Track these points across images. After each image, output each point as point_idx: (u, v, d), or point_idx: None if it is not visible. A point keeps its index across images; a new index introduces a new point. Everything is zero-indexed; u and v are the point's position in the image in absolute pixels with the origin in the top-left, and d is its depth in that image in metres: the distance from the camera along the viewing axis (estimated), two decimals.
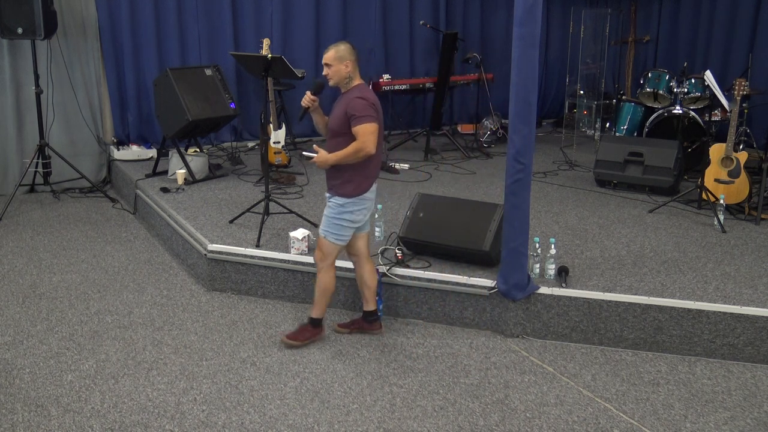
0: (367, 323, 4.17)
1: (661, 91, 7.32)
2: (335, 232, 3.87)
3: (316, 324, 4.05)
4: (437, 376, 3.76)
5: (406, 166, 7.07)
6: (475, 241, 4.33)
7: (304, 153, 3.80)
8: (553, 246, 4.28)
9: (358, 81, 3.84)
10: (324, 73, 3.81)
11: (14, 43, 6.49)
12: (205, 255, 4.73)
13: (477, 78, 7.95)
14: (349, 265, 4.29)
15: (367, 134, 3.70)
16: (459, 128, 8.82)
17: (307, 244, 4.59)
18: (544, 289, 4.11)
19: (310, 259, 4.51)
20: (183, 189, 6.12)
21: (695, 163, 6.61)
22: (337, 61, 3.75)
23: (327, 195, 3.95)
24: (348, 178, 3.81)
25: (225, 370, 3.76)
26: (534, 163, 4.20)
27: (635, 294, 4.05)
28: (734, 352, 3.93)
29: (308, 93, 3.87)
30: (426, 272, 4.32)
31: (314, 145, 3.85)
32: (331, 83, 3.85)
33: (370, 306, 4.15)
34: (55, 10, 6.25)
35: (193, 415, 3.35)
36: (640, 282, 4.24)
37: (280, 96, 7.40)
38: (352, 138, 3.73)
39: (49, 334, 4.11)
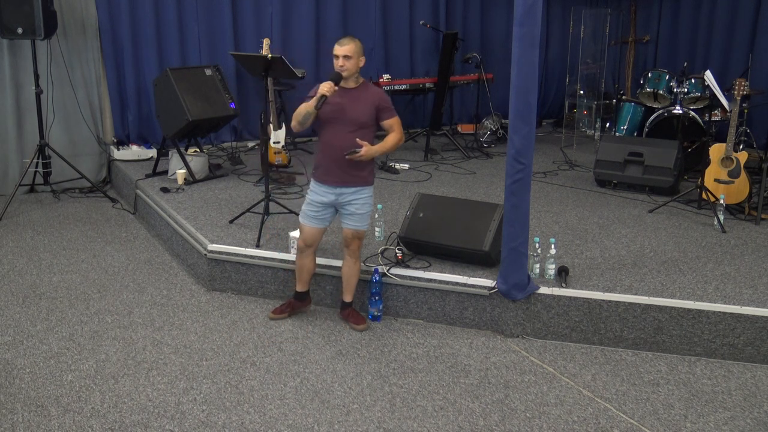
0: (299, 302, 4.39)
1: (661, 91, 7.32)
2: (369, 220, 4.13)
3: (352, 305, 4.32)
4: (437, 376, 3.76)
5: (406, 166, 7.07)
6: (475, 241, 4.33)
7: (354, 150, 3.86)
8: (553, 246, 4.28)
9: (361, 78, 3.99)
10: (340, 65, 3.81)
11: (14, 43, 6.49)
12: (205, 255, 4.73)
13: (477, 78, 7.95)
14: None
15: (400, 126, 4.03)
16: (459, 128, 8.82)
17: None
18: (544, 289, 4.11)
19: None
20: (183, 189, 6.12)
21: (695, 163, 6.61)
22: (356, 54, 3.82)
23: (348, 190, 3.99)
24: (371, 168, 4.05)
25: (225, 370, 3.76)
26: (534, 163, 4.20)
27: (635, 294, 4.05)
28: (734, 352, 3.93)
29: (330, 82, 3.80)
30: (426, 272, 4.32)
31: (357, 139, 3.86)
32: (345, 75, 3.86)
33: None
34: (55, 10, 6.25)
35: (193, 415, 3.35)
36: (640, 282, 4.24)
37: (280, 96, 7.40)
38: (373, 129, 3.98)
39: (49, 334, 4.11)
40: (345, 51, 3.80)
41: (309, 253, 4.20)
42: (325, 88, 3.78)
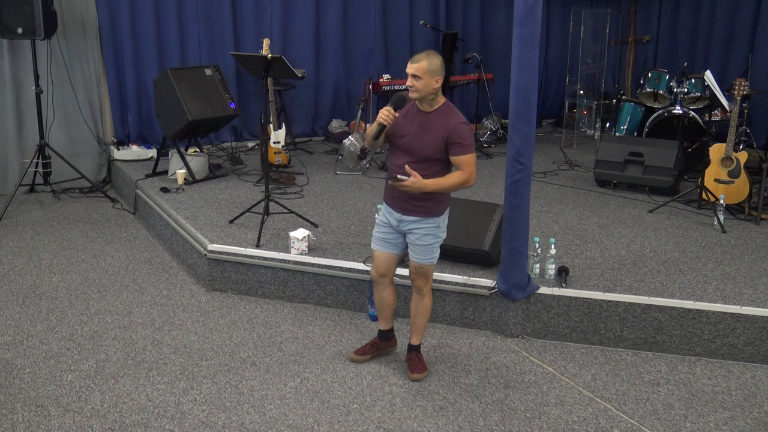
0: (384, 341, 3.94)
1: (661, 91, 7.33)
2: (436, 254, 3.62)
3: (420, 349, 3.82)
4: (437, 376, 3.76)
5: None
6: (475, 241, 4.33)
7: (397, 176, 3.36)
8: (553, 246, 4.28)
9: (442, 99, 3.48)
10: (409, 84, 3.36)
11: (14, 43, 6.49)
12: (205, 255, 4.73)
13: (477, 78, 7.95)
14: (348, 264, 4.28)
15: (472, 165, 3.41)
16: None
17: (306, 244, 4.59)
18: (544, 289, 4.11)
19: (310, 259, 4.52)
20: (183, 189, 6.12)
21: (695, 163, 6.62)
22: (429, 74, 3.33)
23: (408, 218, 3.53)
24: (439, 197, 3.52)
25: (225, 370, 3.76)
26: (534, 163, 4.21)
27: (635, 294, 4.05)
28: (734, 352, 3.94)
29: (390, 108, 3.36)
30: None
31: (406, 166, 3.37)
32: (414, 96, 3.40)
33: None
34: (55, 10, 6.25)
35: (193, 415, 3.35)
36: (640, 282, 4.24)
37: (280, 96, 7.40)
38: (443, 164, 3.44)
39: (49, 334, 4.10)
40: (414, 69, 3.33)
41: (386, 284, 3.74)
42: (383, 115, 3.34)
